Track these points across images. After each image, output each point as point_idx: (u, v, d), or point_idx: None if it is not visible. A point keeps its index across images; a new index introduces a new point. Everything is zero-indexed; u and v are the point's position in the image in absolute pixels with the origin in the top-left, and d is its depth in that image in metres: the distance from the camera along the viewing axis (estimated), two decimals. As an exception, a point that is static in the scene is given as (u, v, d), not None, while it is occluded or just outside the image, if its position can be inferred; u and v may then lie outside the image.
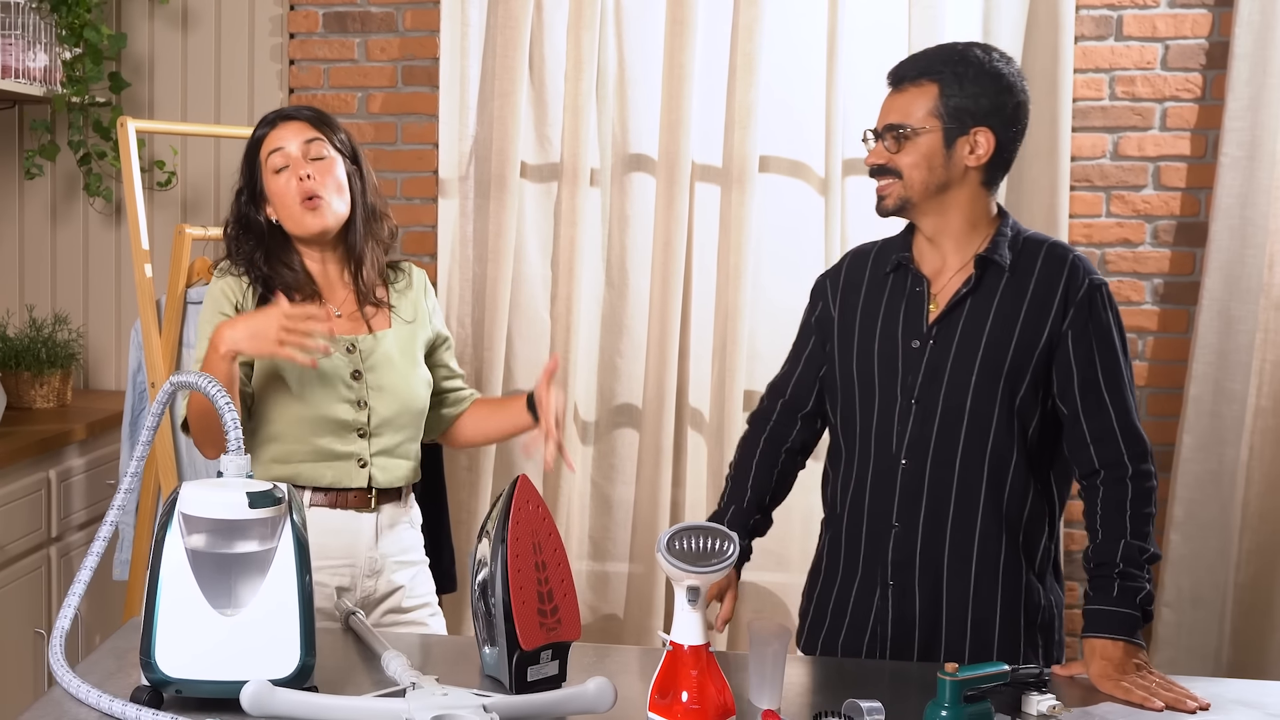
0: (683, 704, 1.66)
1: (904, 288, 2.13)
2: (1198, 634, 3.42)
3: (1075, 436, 2.05)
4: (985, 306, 2.06)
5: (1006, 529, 2.07)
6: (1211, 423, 3.39)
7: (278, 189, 2.36)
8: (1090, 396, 2.03)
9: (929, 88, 2.05)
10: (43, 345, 3.55)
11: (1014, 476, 2.07)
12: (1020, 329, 2.04)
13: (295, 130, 2.38)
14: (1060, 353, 2.04)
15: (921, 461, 2.08)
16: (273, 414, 2.34)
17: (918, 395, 2.08)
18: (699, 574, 1.66)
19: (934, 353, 2.08)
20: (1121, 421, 2.03)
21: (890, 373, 2.10)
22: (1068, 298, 2.04)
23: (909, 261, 2.13)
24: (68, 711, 1.70)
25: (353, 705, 1.60)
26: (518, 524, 1.80)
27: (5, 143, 3.89)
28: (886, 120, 2.08)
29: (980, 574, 2.08)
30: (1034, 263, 2.08)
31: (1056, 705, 1.75)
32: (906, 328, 2.11)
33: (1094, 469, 2.03)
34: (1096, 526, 2.01)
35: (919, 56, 2.11)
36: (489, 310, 3.62)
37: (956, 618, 2.09)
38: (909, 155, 2.05)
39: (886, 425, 2.11)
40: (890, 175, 2.07)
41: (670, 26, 3.53)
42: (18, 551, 3.12)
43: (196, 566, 1.69)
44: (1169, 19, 3.43)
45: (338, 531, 2.35)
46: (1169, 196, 3.47)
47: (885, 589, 2.12)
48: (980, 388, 2.05)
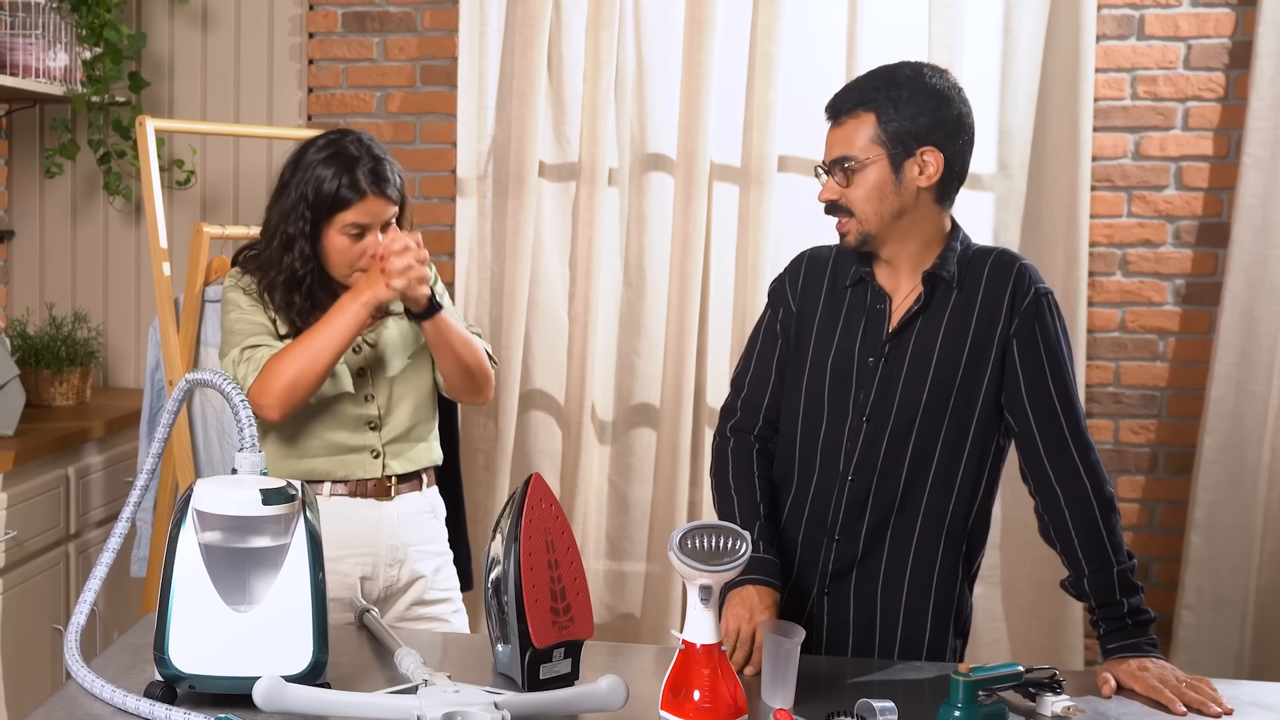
0: (695, 703, 1.65)
1: (864, 303, 2.09)
2: (1219, 636, 3.40)
3: (1028, 447, 2.03)
4: (936, 323, 2.03)
5: (947, 540, 2.06)
6: (1233, 424, 3.36)
7: (342, 247, 2.36)
8: (1041, 405, 2.01)
9: (866, 117, 1.99)
10: (62, 343, 3.56)
11: (960, 489, 2.05)
12: (971, 341, 2.02)
13: (380, 209, 2.35)
14: (1009, 361, 2.02)
15: (868, 479, 2.05)
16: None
17: (869, 413, 2.05)
18: (711, 573, 1.65)
19: (886, 370, 2.05)
20: (1073, 430, 2.01)
21: (843, 389, 2.07)
22: (1014, 304, 2.01)
23: (871, 278, 2.08)
24: (82, 706, 1.70)
25: (364, 701, 1.60)
26: (530, 522, 1.80)
27: (26, 142, 3.91)
28: (831, 155, 2.02)
29: (914, 582, 2.07)
30: (980, 273, 2.04)
31: (1071, 706, 1.74)
32: (864, 344, 2.07)
33: (1050, 483, 2.01)
34: (1078, 554, 1.99)
35: (851, 87, 2.04)
36: (507, 309, 3.62)
37: (889, 622, 2.08)
38: (859, 189, 1.99)
39: (835, 441, 2.07)
40: (844, 212, 2.02)
41: (689, 26, 3.53)
42: (37, 548, 3.13)
43: (210, 562, 1.70)
44: (1191, 18, 3.41)
45: (359, 521, 2.37)
46: (1191, 197, 3.45)
47: (821, 595, 2.10)
48: (930, 404, 2.02)
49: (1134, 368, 3.50)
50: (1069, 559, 2.02)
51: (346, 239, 2.36)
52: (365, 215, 2.34)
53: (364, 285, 2.31)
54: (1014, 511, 3.52)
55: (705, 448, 3.63)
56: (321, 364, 2.27)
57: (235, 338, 2.36)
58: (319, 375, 2.28)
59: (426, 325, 2.35)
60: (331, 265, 2.39)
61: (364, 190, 2.33)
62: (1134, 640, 1.95)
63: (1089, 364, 3.47)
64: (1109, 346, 3.50)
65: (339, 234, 2.36)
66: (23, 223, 3.94)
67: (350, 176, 2.33)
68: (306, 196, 2.35)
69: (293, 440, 2.38)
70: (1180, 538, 3.45)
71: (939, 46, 3.41)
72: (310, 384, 2.28)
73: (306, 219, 2.35)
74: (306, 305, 2.38)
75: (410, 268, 2.26)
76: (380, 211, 2.36)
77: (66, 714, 1.69)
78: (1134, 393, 3.51)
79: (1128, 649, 1.94)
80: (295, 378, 2.26)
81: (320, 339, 2.28)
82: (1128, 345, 3.50)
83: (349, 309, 2.29)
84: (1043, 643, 3.46)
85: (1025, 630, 3.51)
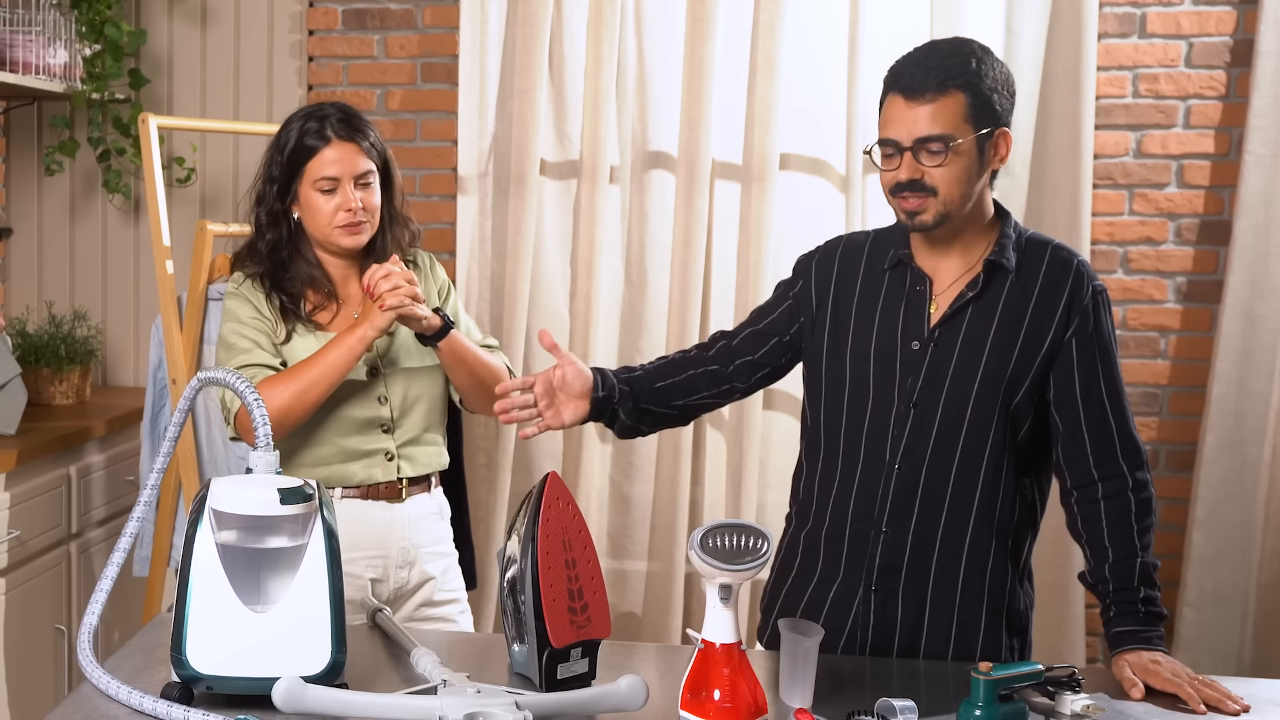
0: (715, 702, 1.65)
1: (903, 286, 2.06)
2: (1220, 634, 3.41)
3: (1074, 446, 2.02)
4: (990, 311, 2.00)
5: (997, 536, 2.04)
6: (1234, 421, 3.37)
7: (318, 204, 2.36)
8: (1093, 407, 2.00)
9: (956, 95, 1.94)
10: (62, 342, 3.54)
11: (1005, 483, 2.03)
12: (1024, 334, 1.99)
13: (349, 157, 2.35)
14: (1063, 360, 2.00)
15: (917, 468, 2.02)
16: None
17: (916, 399, 2.02)
18: (732, 572, 1.65)
19: (935, 356, 2.02)
20: (1122, 432, 2.01)
21: (888, 374, 2.04)
22: (1072, 304, 2.00)
23: (910, 260, 2.06)
24: (98, 708, 1.69)
25: (385, 702, 1.59)
26: (548, 521, 1.79)
27: (24, 139, 3.89)
28: (917, 133, 1.94)
29: (967, 581, 2.04)
30: (1039, 266, 2.02)
31: (1091, 705, 1.74)
32: (906, 328, 2.03)
33: (1091, 479, 2.01)
34: (1105, 542, 1.99)
35: (933, 64, 1.96)
36: (508, 308, 3.61)
37: (940, 624, 2.05)
38: (950, 169, 1.93)
39: (881, 428, 2.04)
40: (923, 190, 1.95)
41: (690, 24, 3.52)
42: (39, 548, 3.12)
43: (227, 562, 1.69)
44: (1193, 16, 3.41)
45: (370, 523, 2.37)
46: (1192, 195, 3.46)
47: (869, 594, 2.06)
48: (982, 394, 2.00)
49: (1135, 365, 3.51)
50: (1094, 548, 2.00)
51: (321, 195, 2.35)
52: (334, 165, 2.33)
53: (361, 320, 2.31)
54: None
55: (706, 446, 3.63)
56: (313, 396, 2.27)
57: (229, 354, 2.35)
58: (310, 407, 2.28)
59: (441, 346, 2.36)
60: (313, 226, 2.38)
61: (328, 136, 2.34)
62: (1144, 629, 1.93)
63: (1091, 362, 3.47)
64: (1111, 344, 3.50)
65: (313, 190, 2.35)
66: (21, 220, 3.92)
67: (317, 125, 2.36)
68: (279, 159, 2.37)
69: (306, 443, 2.37)
70: (1181, 535, 3.46)
71: (941, 45, 3.41)
72: (300, 415, 2.28)
73: (281, 183, 2.37)
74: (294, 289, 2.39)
75: (399, 288, 2.26)
76: (351, 160, 2.34)
77: (83, 716, 1.68)
78: (1135, 390, 3.51)
79: (1138, 639, 1.93)
80: (285, 409, 2.25)
81: (314, 371, 2.27)
82: (1129, 343, 3.50)
83: (345, 342, 2.28)
84: (1045, 641, 3.46)
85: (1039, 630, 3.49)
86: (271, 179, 2.39)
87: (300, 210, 2.39)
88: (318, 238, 2.39)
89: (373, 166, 2.37)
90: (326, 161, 2.34)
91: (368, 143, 2.38)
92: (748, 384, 2.23)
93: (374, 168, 2.38)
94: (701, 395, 2.22)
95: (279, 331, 2.37)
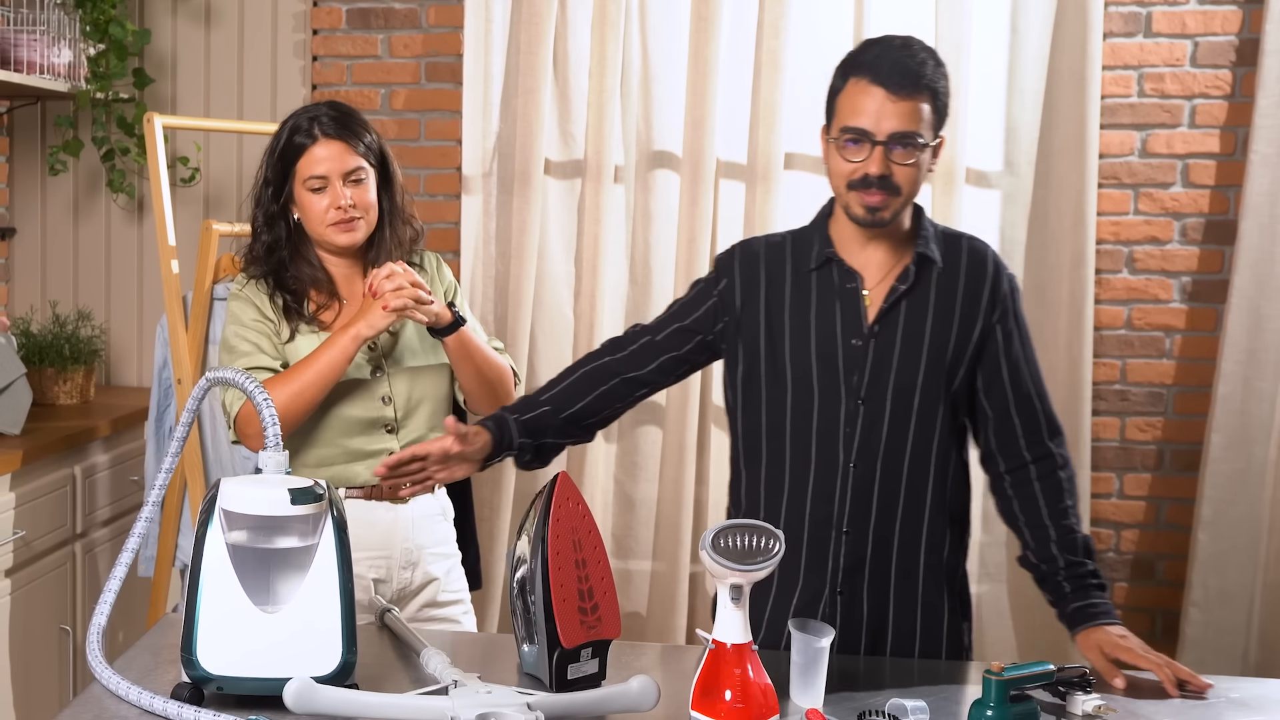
0: (726, 703, 1.64)
1: (833, 284, 2.06)
2: (1225, 634, 3.41)
3: (1005, 431, 2.07)
4: (923, 302, 2.04)
5: (950, 521, 2.08)
6: (1240, 421, 3.37)
7: (310, 203, 2.36)
8: (1021, 391, 2.06)
9: (926, 98, 1.96)
10: (66, 341, 3.54)
11: (954, 469, 2.08)
12: (958, 324, 2.04)
13: (337, 155, 2.34)
14: (989, 348, 2.05)
15: (871, 464, 2.03)
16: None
17: (864, 395, 2.03)
18: (743, 572, 1.64)
19: (878, 350, 2.03)
20: (1046, 413, 2.08)
21: (831, 372, 2.04)
22: (995, 293, 2.05)
23: (837, 257, 2.06)
24: (108, 709, 1.69)
25: (397, 703, 1.59)
26: (558, 521, 1.79)
27: (27, 139, 3.88)
28: (893, 128, 1.94)
29: (928, 570, 2.07)
30: (959, 258, 2.07)
31: (1102, 705, 1.74)
32: (845, 325, 2.04)
33: (1024, 461, 2.07)
34: (1045, 522, 2.03)
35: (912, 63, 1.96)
36: (512, 307, 3.61)
37: (905, 615, 2.06)
38: (914, 170, 1.96)
39: (830, 427, 2.04)
40: (889, 188, 1.97)
41: (695, 23, 3.52)
42: (44, 548, 3.11)
43: (237, 563, 1.68)
44: (1198, 15, 3.41)
45: (373, 524, 2.36)
46: (1198, 194, 3.46)
47: (834, 595, 2.06)
48: (927, 384, 2.03)
49: (1140, 365, 3.51)
50: (1034, 530, 2.05)
51: (312, 194, 2.35)
52: (323, 164, 2.33)
53: (356, 317, 2.30)
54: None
55: (711, 446, 3.62)
56: (308, 398, 2.27)
57: (230, 357, 2.36)
58: (306, 408, 2.28)
59: (449, 340, 2.35)
60: (308, 226, 2.38)
61: (316, 135, 2.34)
62: (1101, 602, 1.97)
63: (1096, 361, 3.47)
64: (1115, 344, 3.50)
65: (304, 190, 2.35)
66: (24, 220, 3.92)
67: (307, 124, 2.36)
68: (271, 160, 2.38)
69: (309, 443, 2.36)
70: (1187, 535, 3.46)
71: (945, 43, 3.41)
72: (298, 416, 2.28)
73: (275, 184, 2.37)
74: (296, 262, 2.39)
75: (402, 289, 2.26)
76: (340, 158, 2.34)
77: (93, 717, 1.67)
78: (1140, 390, 3.51)
79: (1098, 612, 1.96)
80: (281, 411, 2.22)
81: (309, 372, 2.27)
82: (1134, 343, 3.50)
83: (339, 342, 2.28)
84: (1049, 639, 3.44)
85: (1031, 628, 3.51)
86: (266, 181, 2.39)
87: (298, 210, 2.39)
88: (314, 237, 2.39)
89: (364, 163, 2.37)
90: (315, 160, 2.34)
91: (358, 140, 2.37)
92: (665, 380, 2.21)
93: (366, 164, 2.37)
94: (615, 407, 2.20)
95: (283, 332, 2.37)
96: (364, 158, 2.37)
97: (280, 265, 2.39)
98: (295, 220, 2.40)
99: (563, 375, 2.20)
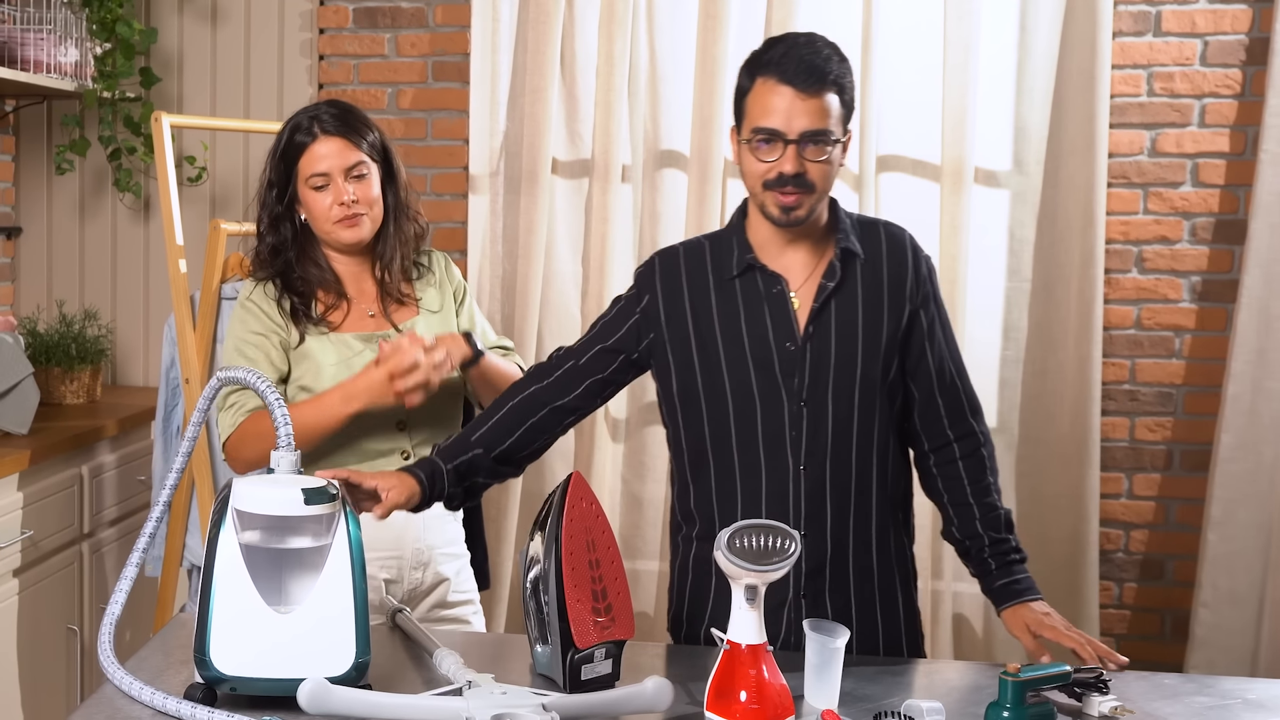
0: (741, 704, 1.64)
1: (758, 289, 2.05)
2: (1234, 635, 3.39)
3: (930, 411, 2.10)
4: (851, 297, 2.04)
5: (896, 514, 2.10)
6: (1250, 421, 3.36)
7: (313, 201, 2.36)
8: (945, 372, 2.10)
9: (834, 95, 1.97)
10: (73, 341, 3.53)
11: (894, 459, 2.10)
12: (888, 314, 2.05)
13: (337, 151, 2.34)
14: (914, 332, 2.07)
15: (820, 464, 2.02)
16: None
17: (805, 397, 2.02)
18: (759, 572, 1.64)
19: (815, 351, 2.02)
20: (967, 391, 2.12)
21: (770, 378, 2.02)
22: (916, 277, 2.08)
23: (758, 262, 2.05)
24: (120, 709, 1.68)
25: (412, 703, 1.58)
26: (572, 521, 1.79)
27: (33, 138, 3.88)
28: (804, 126, 1.94)
29: (882, 564, 2.08)
30: (879, 246, 2.08)
31: (1119, 706, 1.73)
32: (777, 330, 2.03)
33: (947, 440, 2.10)
34: (969, 499, 2.08)
35: (819, 61, 1.96)
36: (519, 307, 3.60)
37: (867, 611, 2.07)
38: (827, 166, 1.97)
39: (776, 432, 2.02)
40: (804, 186, 1.96)
41: (703, 22, 3.51)
42: (51, 548, 3.10)
43: (250, 563, 1.68)
44: (1208, 14, 3.40)
45: (384, 524, 2.33)
46: (1207, 193, 3.44)
47: (798, 599, 2.05)
48: (865, 379, 2.03)
49: (1150, 365, 3.49)
50: (958, 507, 2.09)
51: (315, 193, 2.34)
52: (324, 161, 2.33)
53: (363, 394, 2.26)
54: (1028, 508, 3.52)
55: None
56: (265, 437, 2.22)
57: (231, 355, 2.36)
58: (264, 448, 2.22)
59: (471, 372, 2.36)
60: (314, 225, 2.38)
61: (316, 133, 2.34)
62: (1023, 577, 2.02)
63: (1105, 361, 3.46)
64: (1125, 344, 3.49)
65: (307, 189, 2.35)
66: (30, 219, 3.91)
67: (307, 122, 2.36)
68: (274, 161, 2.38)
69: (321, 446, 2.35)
70: (1197, 535, 3.45)
71: (954, 43, 3.40)
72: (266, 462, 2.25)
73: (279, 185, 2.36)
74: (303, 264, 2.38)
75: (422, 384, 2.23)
76: (340, 155, 2.33)
77: (106, 717, 1.67)
78: (1150, 390, 3.50)
79: (1022, 588, 2.01)
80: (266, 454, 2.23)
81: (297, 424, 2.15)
82: (1143, 342, 3.49)
83: (337, 410, 2.26)
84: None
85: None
86: (270, 183, 2.39)
87: (303, 210, 2.39)
88: (320, 235, 2.39)
89: (365, 159, 2.36)
90: (316, 157, 2.33)
91: (359, 136, 2.36)
92: (592, 405, 2.19)
93: (368, 160, 2.37)
94: (544, 439, 2.17)
95: (292, 337, 2.36)
96: (366, 153, 2.36)
97: (287, 267, 2.39)
98: (302, 221, 2.39)
99: (491, 410, 2.17)
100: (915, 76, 3.50)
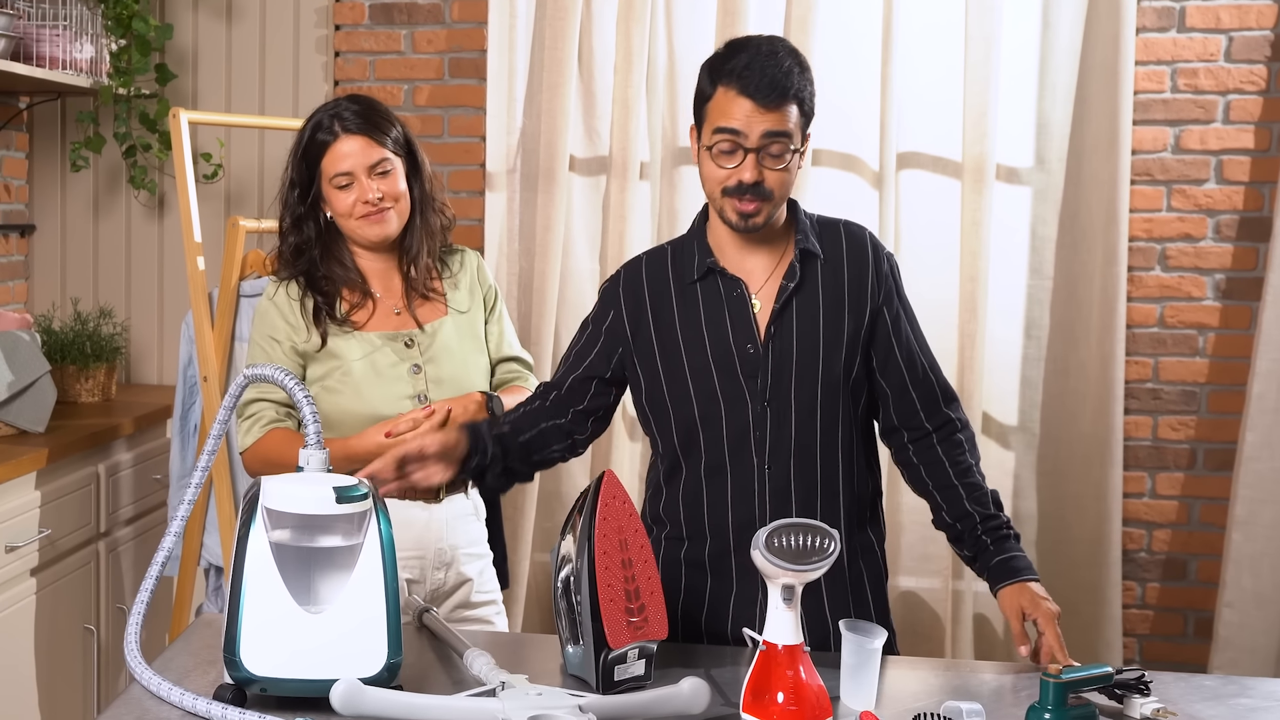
0: (779, 705, 1.62)
1: (719, 293, 2.05)
2: (1259, 634, 3.37)
3: (904, 406, 2.09)
4: (812, 298, 2.04)
5: (863, 513, 2.10)
6: (1275, 420, 3.33)
7: (338, 199, 2.35)
8: (915, 366, 2.09)
9: (794, 104, 1.96)
10: (88, 339, 3.51)
11: (858, 456, 2.09)
12: (849, 313, 2.05)
13: (361, 150, 2.32)
14: (880, 330, 2.07)
15: (785, 462, 2.03)
16: (335, 416, 2.32)
17: (769, 398, 2.02)
18: (796, 572, 1.62)
19: (776, 353, 2.03)
20: (940, 382, 2.11)
21: (732, 380, 2.03)
22: (878, 275, 2.07)
23: (718, 266, 2.05)
24: (150, 710, 1.66)
25: (447, 705, 1.56)
26: (604, 520, 1.76)
27: (47, 135, 3.86)
28: (763, 131, 1.93)
29: (851, 564, 2.07)
30: (839, 246, 2.08)
31: (1162, 708, 1.71)
32: (737, 334, 2.03)
33: (925, 431, 2.09)
34: (953, 481, 2.05)
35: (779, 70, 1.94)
36: (536, 304, 3.58)
37: (839, 608, 2.06)
38: (788, 173, 1.97)
39: (740, 434, 2.03)
40: (762, 194, 1.96)
41: (722, 18, 3.49)
42: (68, 546, 3.08)
43: (281, 562, 1.66)
44: (1233, 10, 3.37)
45: (407, 524, 2.33)
46: (1232, 191, 3.42)
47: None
48: (827, 379, 2.03)
49: (1173, 363, 3.47)
50: (944, 491, 2.06)
51: (339, 192, 2.33)
52: (347, 160, 2.32)
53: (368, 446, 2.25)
54: (1050, 507, 3.50)
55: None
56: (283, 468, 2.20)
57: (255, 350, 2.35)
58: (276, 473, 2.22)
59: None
60: (340, 222, 2.37)
61: (338, 131, 2.33)
62: (1019, 554, 2.00)
63: (1128, 359, 3.43)
64: (1148, 342, 3.46)
65: (332, 188, 2.34)
66: (44, 217, 3.89)
67: (329, 121, 2.35)
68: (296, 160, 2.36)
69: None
70: (1221, 535, 3.42)
71: (976, 39, 3.38)
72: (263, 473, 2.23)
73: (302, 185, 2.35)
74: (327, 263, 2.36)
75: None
76: (363, 152, 2.32)
77: (135, 718, 1.64)
78: (1173, 389, 3.47)
79: (1020, 568, 1.98)
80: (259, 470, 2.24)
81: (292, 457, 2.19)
82: (1167, 341, 3.46)
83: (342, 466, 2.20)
84: (1081, 640, 3.42)
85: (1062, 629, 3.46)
86: (292, 182, 2.38)
87: (329, 208, 2.36)
88: (347, 232, 2.37)
89: (389, 155, 2.35)
90: (339, 156, 2.32)
91: (382, 133, 2.35)
92: (587, 432, 2.19)
93: (391, 156, 2.35)
94: (552, 449, 2.18)
95: (313, 340, 2.34)
96: (389, 149, 2.35)
97: (311, 266, 2.37)
98: (327, 219, 2.37)
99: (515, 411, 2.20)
100: (936, 73, 3.47)
